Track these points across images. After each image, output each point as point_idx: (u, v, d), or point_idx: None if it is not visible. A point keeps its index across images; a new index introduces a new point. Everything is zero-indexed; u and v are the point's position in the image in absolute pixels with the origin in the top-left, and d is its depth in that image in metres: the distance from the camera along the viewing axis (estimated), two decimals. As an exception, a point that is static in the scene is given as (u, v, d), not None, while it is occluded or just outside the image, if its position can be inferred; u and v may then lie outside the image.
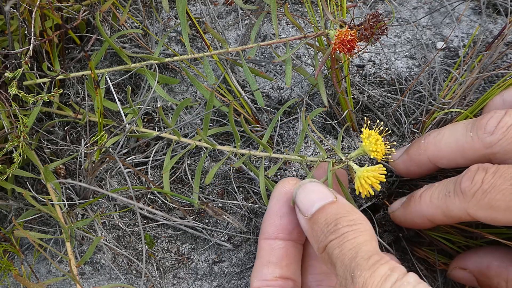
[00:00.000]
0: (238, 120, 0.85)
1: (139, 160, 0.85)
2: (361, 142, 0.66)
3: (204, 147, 0.79)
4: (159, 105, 0.86)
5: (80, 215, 0.81)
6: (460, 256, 0.74)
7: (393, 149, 0.68)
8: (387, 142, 0.68)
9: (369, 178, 0.64)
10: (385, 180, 0.65)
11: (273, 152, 0.76)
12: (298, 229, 0.67)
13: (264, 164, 0.83)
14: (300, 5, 0.96)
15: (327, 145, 0.82)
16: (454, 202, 0.63)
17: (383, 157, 0.66)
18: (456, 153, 0.67)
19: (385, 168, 0.65)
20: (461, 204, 0.62)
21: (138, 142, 0.86)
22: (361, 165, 0.70)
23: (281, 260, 0.67)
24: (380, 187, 0.65)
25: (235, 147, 0.78)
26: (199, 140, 0.79)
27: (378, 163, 0.67)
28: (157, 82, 0.80)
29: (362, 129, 0.67)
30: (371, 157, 0.66)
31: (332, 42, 0.70)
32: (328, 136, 0.85)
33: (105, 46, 0.80)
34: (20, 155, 0.71)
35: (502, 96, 0.72)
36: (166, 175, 0.78)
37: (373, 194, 0.66)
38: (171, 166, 0.79)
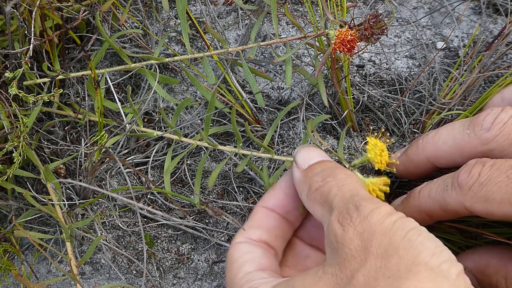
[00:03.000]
0: (239, 120, 0.85)
1: (139, 160, 0.85)
2: (365, 151, 0.67)
3: (205, 147, 0.79)
4: (161, 106, 0.86)
5: (80, 215, 0.81)
6: (459, 256, 0.74)
7: (395, 159, 0.69)
8: (390, 152, 0.68)
9: (375, 192, 0.65)
10: (389, 191, 0.65)
11: (275, 153, 0.76)
12: (296, 213, 0.68)
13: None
14: (300, 5, 0.96)
15: (327, 148, 0.82)
16: (451, 195, 0.63)
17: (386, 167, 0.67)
18: (453, 151, 0.67)
19: (389, 180, 0.66)
20: (458, 197, 0.62)
21: (138, 142, 0.86)
22: (363, 168, 0.71)
23: (272, 230, 0.67)
24: (384, 198, 0.65)
25: (235, 147, 0.78)
26: (200, 140, 0.79)
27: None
28: (157, 82, 0.80)
29: (367, 138, 0.67)
30: (376, 168, 0.66)
31: (332, 42, 0.70)
32: (328, 136, 0.85)
33: (105, 46, 0.80)
34: (20, 155, 0.71)
35: (501, 94, 0.72)
36: (167, 177, 0.78)
37: None
38: (173, 167, 0.79)
